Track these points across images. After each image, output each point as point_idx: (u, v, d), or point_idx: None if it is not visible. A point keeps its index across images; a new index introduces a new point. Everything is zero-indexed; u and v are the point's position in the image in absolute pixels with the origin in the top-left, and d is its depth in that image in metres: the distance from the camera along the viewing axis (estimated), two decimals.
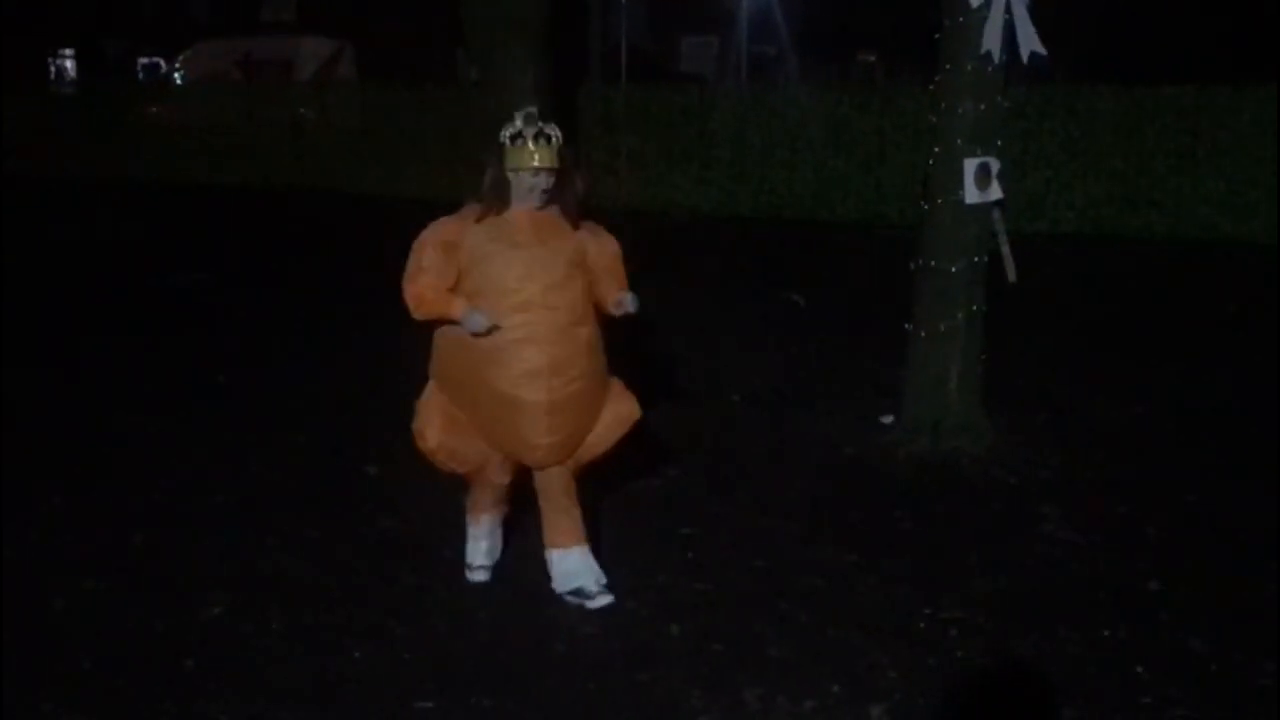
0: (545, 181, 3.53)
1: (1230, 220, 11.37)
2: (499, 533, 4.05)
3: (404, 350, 7.10)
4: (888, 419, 5.54)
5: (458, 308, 3.57)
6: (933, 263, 5.27)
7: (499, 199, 3.58)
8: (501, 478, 3.86)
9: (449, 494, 4.69)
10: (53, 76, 32.38)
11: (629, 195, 13.52)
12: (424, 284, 3.64)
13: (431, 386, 3.79)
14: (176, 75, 24.81)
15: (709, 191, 13.65)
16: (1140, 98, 11.76)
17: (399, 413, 5.83)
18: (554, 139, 3.51)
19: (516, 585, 3.92)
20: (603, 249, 3.73)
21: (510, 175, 3.54)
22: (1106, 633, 3.62)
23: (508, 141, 3.50)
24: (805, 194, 13.42)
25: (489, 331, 3.51)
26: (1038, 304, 7.63)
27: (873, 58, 27.64)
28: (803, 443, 5.39)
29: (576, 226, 3.67)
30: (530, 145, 3.47)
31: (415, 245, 3.68)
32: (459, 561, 4.10)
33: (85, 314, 8.36)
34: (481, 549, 3.99)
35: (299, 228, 12.76)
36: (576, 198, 3.66)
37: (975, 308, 5.28)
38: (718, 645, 3.52)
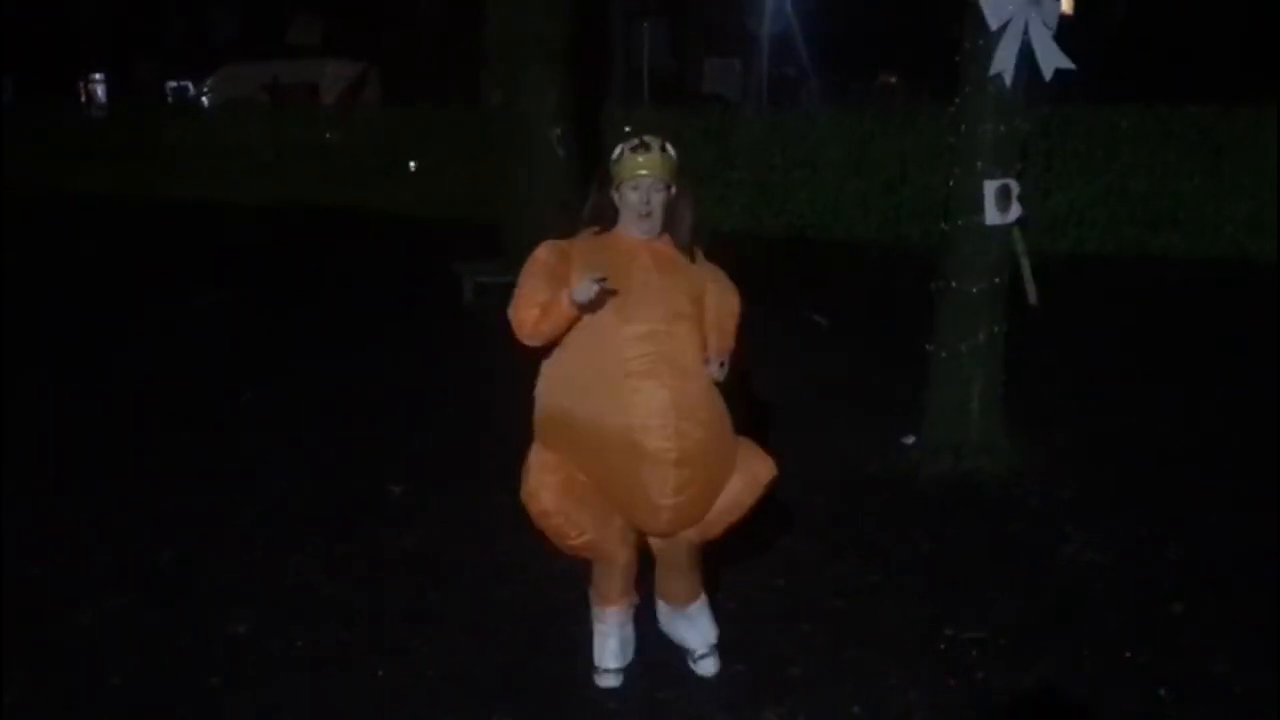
0: (653, 198, 3.15)
1: (1254, 240, 11.30)
2: (630, 628, 3.48)
3: (429, 369, 7.18)
4: (909, 439, 5.54)
5: (564, 295, 3.07)
6: (953, 283, 5.27)
7: (600, 219, 3.26)
8: (625, 552, 3.33)
9: (472, 512, 4.74)
10: (83, 99, 32.79)
11: None
12: (526, 308, 3.16)
13: (537, 446, 3.27)
14: (204, 98, 25.11)
15: (731, 211, 13.66)
16: (1163, 117, 11.72)
17: (423, 430, 5.92)
18: (666, 150, 3.16)
19: (541, 603, 3.94)
20: (724, 300, 3.31)
21: (615, 195, 3.20)
22: (1129, 654, 3.60)
23: (614, 158, 3.19)
24: (827, 214, 13.42)
25: (599, 302, 3.05)
26: (1059, 324, 7.60)
27: (893, 79, 27.68)
28: (824, 462, 5.39)
29: (693, 259, 3.29)
30: (638, 155, 3.13)
31: (522, 272, 3.25)
32: (482, 579, 4.13)
33: (114, 332, 8.45)
34: (610, 648, 3.44)
35: (322, 247, 12.87)
36: (690, 227, 3.28)
37: (996, 328, 5.28)
38: (738, 665, 3.53)
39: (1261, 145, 11.24)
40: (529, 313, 3.14)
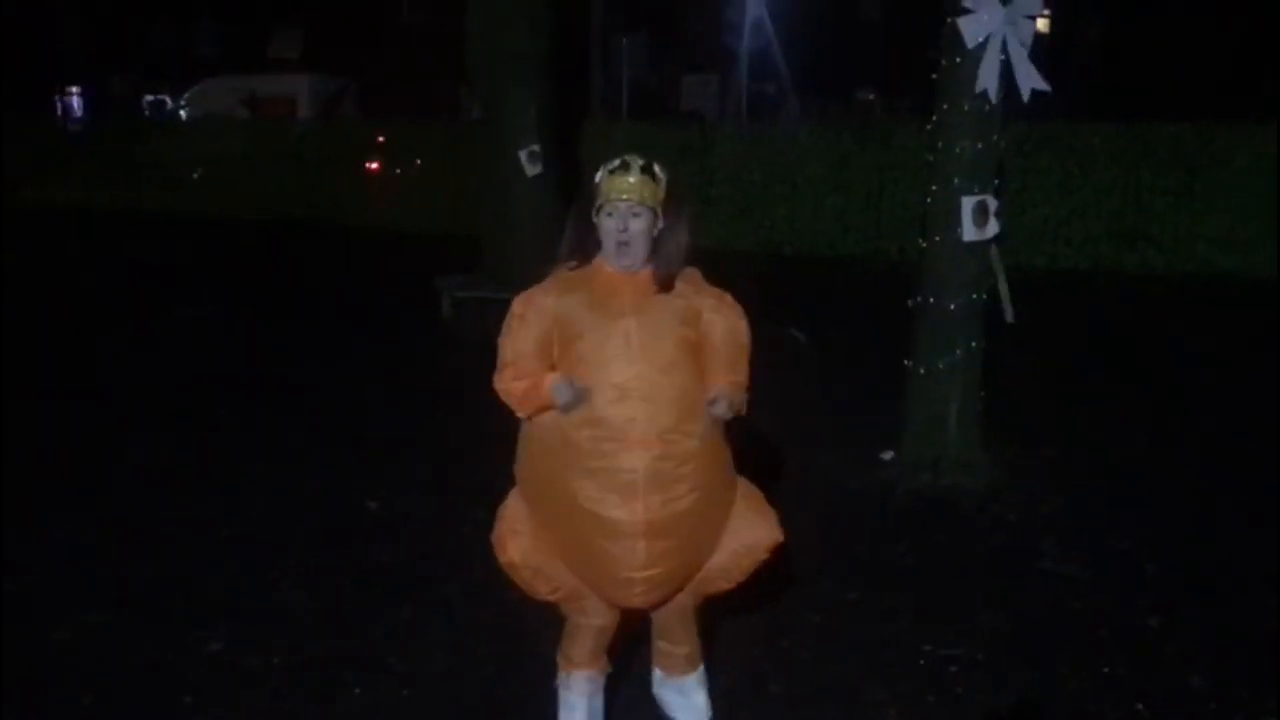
0: (631, 225, 2.80)
1: (1227, 256, 11.43)
2: (599, 700, 3.16)
3: (406, 384, 7.16)
4: (888, 455, 5.55)
5: (546, 383, 2.80)
6: (931, 299, 5.30)
7: (580, 250, 2.90)
8: (604, 615, 3.03)
9: (450, 528, 4.71)
10: (59, 113, 32.63)
11: None
12: (510, 379, 2.85)
13: (516, 492, 3.02)
14: (182, 112, 25.02)
15: (709, 227, 13.72)
16: (1138, 135, 11.85)
17: (401, 446, 5.89)
18: (649, 172, 2.83)
19: (519, 620, 3.91)
20: (729, 330, 2.92)
21: (596, 220, 2.85)
22: (1106, 669, 3.62)
23: (595, 181, 2.87)
24: (805, 230, 13.50)
25: (578, 404, 2.77)
26: (1037, 340, 7.66)
27: (871, 96, 27.85)
28: (803, 478, 5.39)
29: (670, 288, 2.87)
30: (615, 177, 2.81)
31: (501, 334, 2.91)
32: (459, 596, 4.11)
33: (92, 346, 8.39)
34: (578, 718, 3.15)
35: (303, 262, 12.83)
36: (681, 253, 2.89)
37: (974, 344, 5.30)
38: (717, 680, 3.51)
39: (1233, 163, 11.37)
40: (517, 385, 2.84)
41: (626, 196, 2.79)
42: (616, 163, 2.84)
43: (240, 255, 13.52)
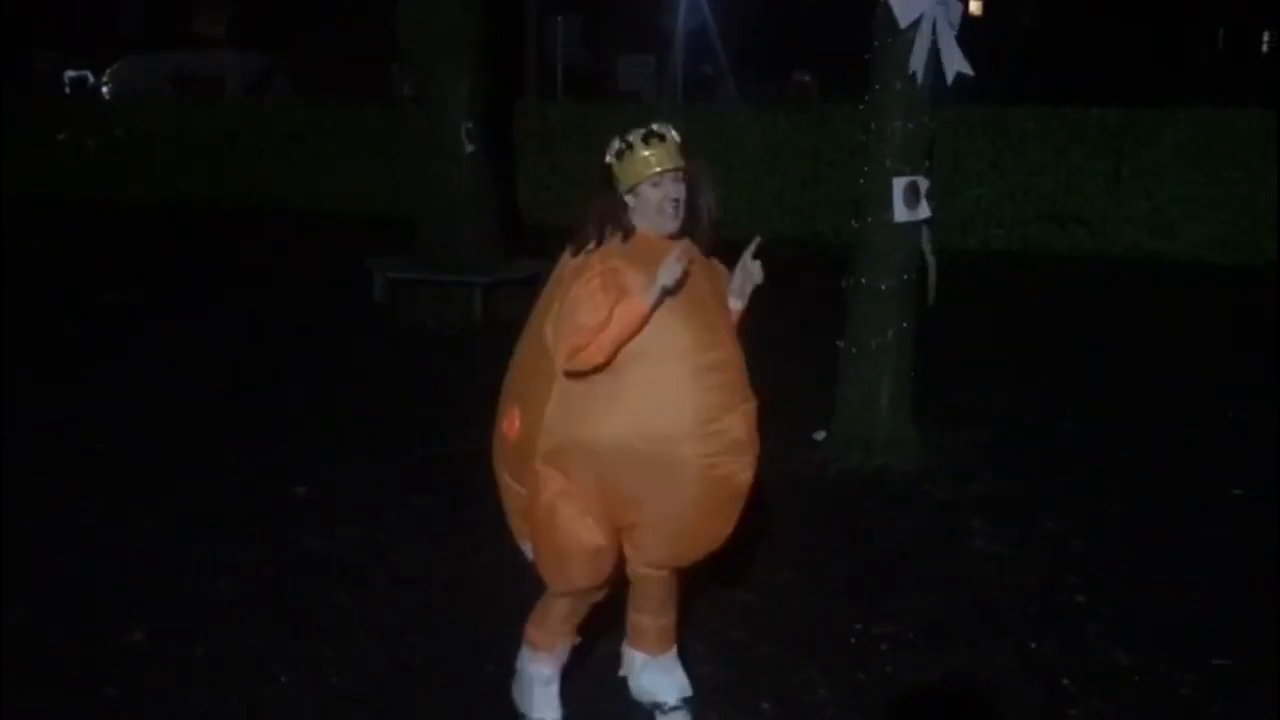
0: (675, 190, 2.86)
1: (1154, 239, 11.64)
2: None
3: (337, 367, 7.04)
4: (820, 435, 5.58)
5: (638, 299, 2.77)
6: (864, 280, 5.32)
7: (618, 226, 2.89)
8: (610, 587, 3.09)
9: (380, 515, 4.65)
10: None
11: (565, 212, 13.55)
12: (598, 320, 2.76)
13: (546, 474, 2.89)
14: (105, 89, 24.37)
15: None
16: (1067, 119, 12.00)
17: (331, 431, 5.80)
18: (668, 137, 2.87)
19: (450, 608, 3.87)
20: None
21: (629, 198, 2.88)
22: (1034, 645, 3.67)
23: (614, 159, 2.89)
24: (741, 211, 13.48)
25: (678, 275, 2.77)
26: (968, 321, 7.73)
27: (807, 77, 27.93)
28: None
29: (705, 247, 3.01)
30: (651, 148, 2.83)
31: (583, 294, 2.78)
32: (389, 584, 4.05)
33: (7, 333, 8.15)
34: (552, 694, 3.18)
35: (230, 245, 12.57)
36: (712, 217, 3.00)
37: (906, 325, 5.34)
38: None
39: (1160, 147, 11.57)
40: (596, 341, 2.76)
41: (667, 165, 2.84)
42: (644, 131, 2.88)
43: (165, 238, 13.21)
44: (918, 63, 4.99)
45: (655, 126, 2.88)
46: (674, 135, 2.89)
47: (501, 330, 7.17)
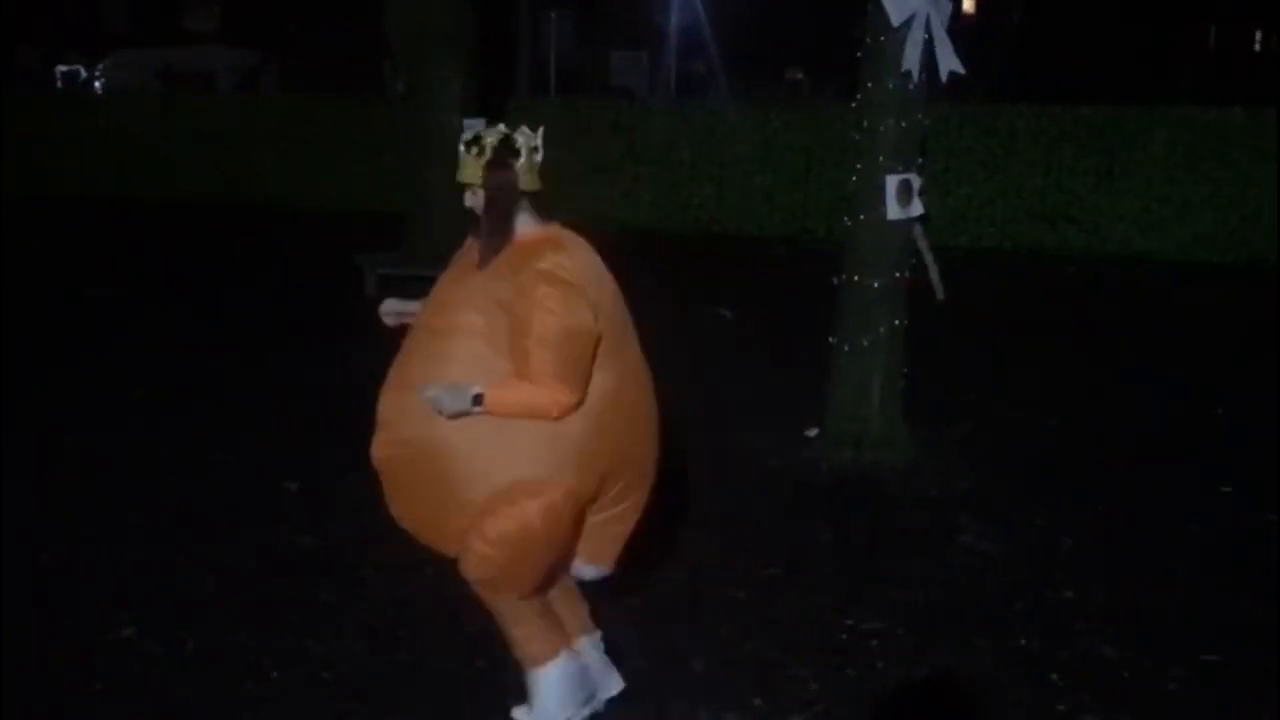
0: (470, 201, 2.85)
1: (1145, 237, 11.68)
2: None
3: (328, 363, 7.03)
4: (812, 432, 5.59)
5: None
6: (855, 278, 5.33)
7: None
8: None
9: (370, 510, 4.63)
10: None
11: (556, 210, 13.57)
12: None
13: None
14: (96, 84, 24.30)
15: (637, 205, 13.68)
16: (1058, 117, 12.04)
17: (321, 427, 5.79)
18: (474, 148, 2.79)
19: (439, 603, 3.87)
20: (525, 320, 2.77)
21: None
22: (1023, 641, 3.68)
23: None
24: (733, 209, 13.51)
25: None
26: (958, 319, 7.75)
27: (800, 75, 27.98)
28: (727, 455, 5.41)
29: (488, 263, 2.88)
30: (463, 154, 2.82)
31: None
32: (378, 579, 4.05)
33: None
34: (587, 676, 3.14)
35: (219, 241, 12.55)
36: (498, 230, 2.84)
37: (897, 322, 5.35)
38: (640, 658, 3.51)
39: (1150, 145, 11.61)
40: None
41: (467, 179, 2.82)
42: (469, 136, 2.83)
43: (156, 234, 13.18)
44: (910, 61, 5.00)
45: (482, 132, 2.82)
46: (480, 147, 2.78)
47: None
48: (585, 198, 14.01)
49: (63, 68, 30.12)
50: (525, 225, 2.86)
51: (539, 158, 2.85)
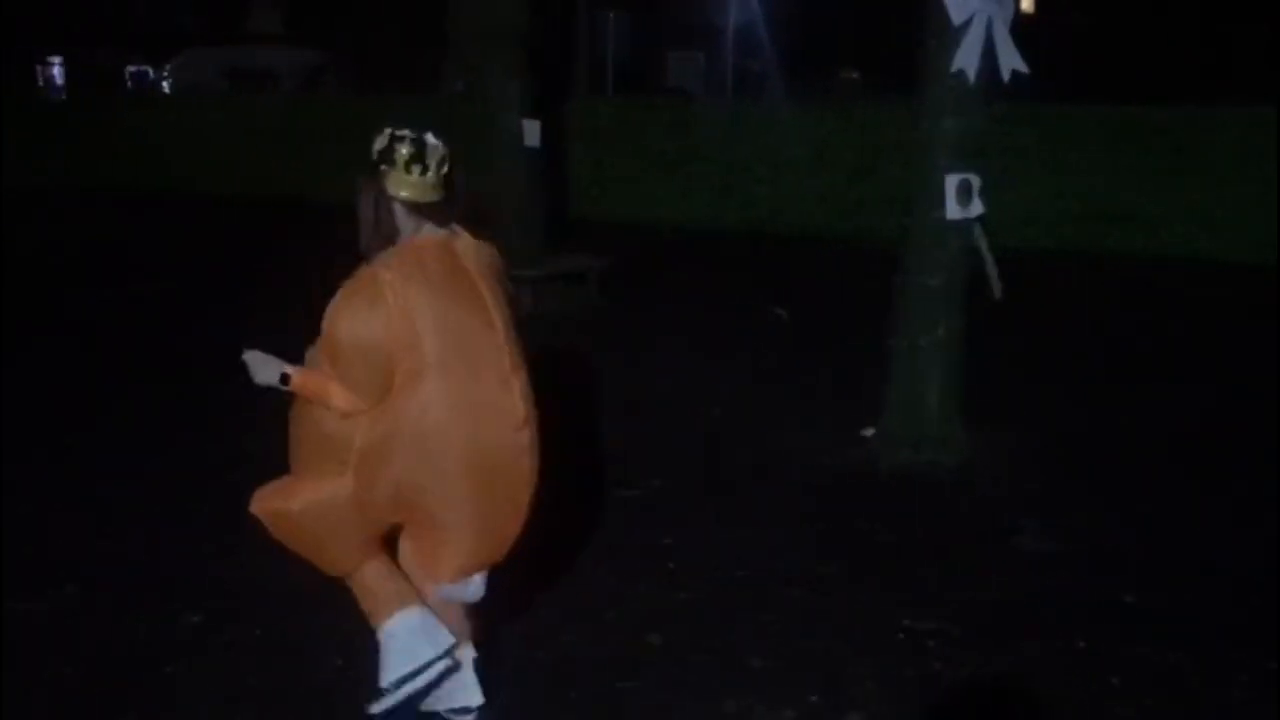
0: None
1: (1207, 239, 11.49)
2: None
3: None
4: (869, 432, 5.58)
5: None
6: (914, 278, 5.32)
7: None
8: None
9: None
10: (41, 84, 32.22)
11: (613, 209, 13.64)
12: None
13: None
14: (165, 84, 24.79)
15: (693, 205, 13.71)
16: (1120, 117, 11.88)
17: None
18: (370, 151, 3.05)
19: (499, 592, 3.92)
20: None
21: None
22: (1083, 644, 3.65)
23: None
24: (789, 208, 13.48)
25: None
26: (1018, 319, 7.68)
27: (856, 74, 27.81)
28: (784, 454, 5.42)
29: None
30: None
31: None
32: None
33: (48, 319, 8.35)
34: (435, 627, 3.06)
35: (280, 239, 12.74)
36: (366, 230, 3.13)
37: (955, 323, 5.33)
38: (698, 655, 3.55)
39: (1216, 146, 11.42)
40: None
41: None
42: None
43: (213, 231, 13.43)
44: (970, 60, 4.98)
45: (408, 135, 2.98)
46: (373, 148, 2.99)
47: (549, 322, 7.25)
48: (641, 197, 14.07)
49: (132, 68, 30.74)
50: (417, 233, 3.01)
51: (428, 171, 2.97)
